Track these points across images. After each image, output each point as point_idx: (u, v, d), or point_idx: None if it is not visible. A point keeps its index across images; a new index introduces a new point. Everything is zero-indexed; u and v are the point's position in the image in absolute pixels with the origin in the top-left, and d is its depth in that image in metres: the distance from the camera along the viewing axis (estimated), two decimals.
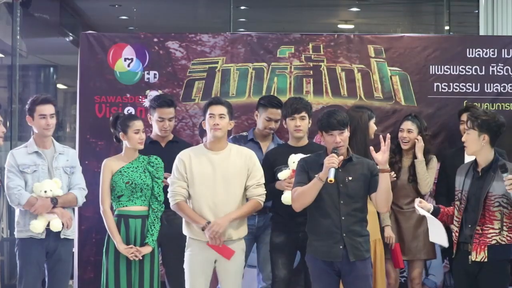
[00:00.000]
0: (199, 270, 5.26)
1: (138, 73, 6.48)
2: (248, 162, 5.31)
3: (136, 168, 5.53)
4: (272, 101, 5.89)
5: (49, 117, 5.51)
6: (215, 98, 5.46)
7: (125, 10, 10.53)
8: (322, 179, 4.81)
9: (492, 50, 6.57)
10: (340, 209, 4.92)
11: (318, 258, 4.97)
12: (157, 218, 5.56)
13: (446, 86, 6.54)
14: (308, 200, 4.89)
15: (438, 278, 6.48)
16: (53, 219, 5.42)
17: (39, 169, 5.48)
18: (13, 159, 5.47)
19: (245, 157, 5.33)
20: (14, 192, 5.39)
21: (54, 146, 5.61)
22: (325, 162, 4.80)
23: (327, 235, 4.92)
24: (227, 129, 5.34)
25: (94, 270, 6.19)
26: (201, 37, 6.52)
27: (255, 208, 5.34)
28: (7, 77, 8.92)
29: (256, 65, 6.50)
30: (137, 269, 5.47)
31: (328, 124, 4.93)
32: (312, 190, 4.85)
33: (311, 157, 5.11)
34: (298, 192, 4.90)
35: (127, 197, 5.51)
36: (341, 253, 4.90)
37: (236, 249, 5.27)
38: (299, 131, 5.58)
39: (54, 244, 5.49)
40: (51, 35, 10.83)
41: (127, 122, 5.53)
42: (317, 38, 6.55)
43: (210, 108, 5.29)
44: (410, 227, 5.96)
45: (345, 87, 6.50)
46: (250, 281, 6.16)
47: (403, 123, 6.06)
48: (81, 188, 5.62)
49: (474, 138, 4.88)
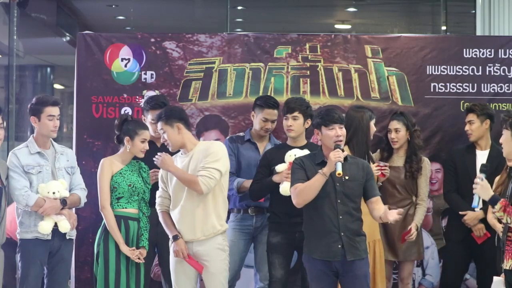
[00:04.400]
0: (181, 270, 5.24)
1: (135, 73, 6.48)
2: (203, 152, 5.16)
3: (132, 172, 5.54)
4: (268, 101, 5.88)
5: (56, 119, 5.52)
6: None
7: (122, 10, 10.53)
8: (326, 174, 4.83)
9: (489, 50, 6.57)
10: (338, 209, 4.93)
11: (316, 258, 4.96)
12: (148, 221, 5.59)
13: (443, 86, 6.54)
14: (311, 195, 4.88)
15: (435, 278, 6.49)
16: (61, 220, 5.41)
17: (43, 170, 5.46)
18: (16, 159, 5.43)
19: (206, 147, 5.20)
20: (21, 193, 5.35)
21: (53, 146, 5.60)
22: (331, 156, 4.82)
23: (325, 235, 4.92)
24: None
25: (91, 270, 6.18)
26: (198, 37, 6.52)
27: (192, 182, 5.06)
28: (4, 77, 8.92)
29: (253, 65, 6.50)
30: (134, 270, 5.48)
31: (330, 118, 4.96)
32: (316, 186, 4.86)
33: (306, 156, 5.13)
34: (301, 188, 4.90)
35: (126, 199, 5.51)
36: (339, 252, 4.90)
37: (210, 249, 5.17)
38: (290, 130, 5.59)
39: (58, 244, 5.49)
40: (48, 35, 10.82)
41: (137, 129, 5.50)
42: (314, 38, 6.55)
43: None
44: (399, 228, 5.94)
45: (342, 87, 6.50)
46: (247, 282, 6.17)
47: (390, 123, 6.05)
48: (83, 189, 5.63)
49: (509, 138, 4.84)
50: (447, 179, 6.13)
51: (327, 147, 4.98)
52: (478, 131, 6.03)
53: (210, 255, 5.17)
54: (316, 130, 5.05)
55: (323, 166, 4.90)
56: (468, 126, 6.06)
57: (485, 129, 6.05)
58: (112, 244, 5.44)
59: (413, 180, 6.01)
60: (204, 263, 5.16)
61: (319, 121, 5.01)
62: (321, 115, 5.03)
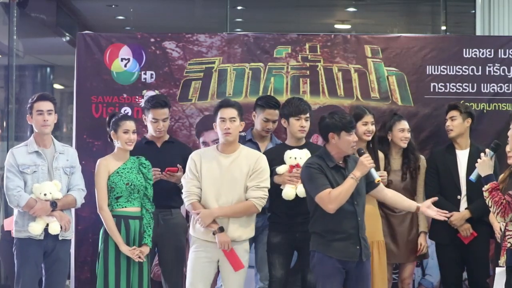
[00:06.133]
0: (200, 268, 5.28)
1: (135, 73, 6.48)
2: (253, 164, 5.31)
3: (130, 169, 5.54)
4: (269, 102, 5.88)
5: (46, 113, 5.50)
6: (225, 101, 5.47)
7: (121, 10, 10.52)
8: (358, 179, 4.92)
9: (488, 50, 6.57)
10: (356, 210, 5.03)
11: (333, 257, 5.00)
12: (152, 218, 5.57)
13: (442, 86, 6.54)
14: (345, 200, 4.95)
15: (435, 278, 6.49)
16: (51, 222, 5.41)
17: (39, 169, 5.47)
18: (13, 158, 5.45)
19: (252, 159, 5.33)
20: (13, 194, 5.38)
21: (54, 145, 5.60)
22: (365, 162, 4.94)
23: (345, 236, 5.00)
24: (238, 131, 5.38)
25: (90, 270, 6.19)
26: (198, 37, 6.52)
27: (248, 210, 5.30)
28: (4, 77, 8.91)
29: (253, 65, 6.50)
30: (136, 269, 5.47)
31: (352, 124, 5.04)
32: (350, 190, 4.94)
33: (317, 159, 5.10)
34: (335, 193, 4.93)
35: (125, 198, 5.51)
36: (357, 253, 5.01)
37: (238, 250, 5.29)
38: (303, 131, 5.59)
39: (53, 244, 5.49)
40: (48, 35, 10.81)
41: (118, 121, 5.53)
42: (314, 38, 6.55)
43: (220, 111, 5.30)
44: (404, 231, 5.96)
45: (342, 87, 6.50)
46: (248, 281, 6.15)
47: (400, 123, 6.01)
48: (80, 189, 5.61)
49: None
50: (429, 182, 6.03)
51: (342, 151, 5.04)
52: (459, 128, 6.01)
53: (239, 256, 5.27)
54: (331, 134, 5.04)
55: (337, 170, 5.01)
56: (449, 122, 6.04)
57: (466, 127, 6.04)
58: (112, 244, 5.45)
59: (412, 180, 6.01)
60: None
61: (340, 126, 5.01)
62: (339, 120, 5.03)
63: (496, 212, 4.76)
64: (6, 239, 6.52)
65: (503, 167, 5.37)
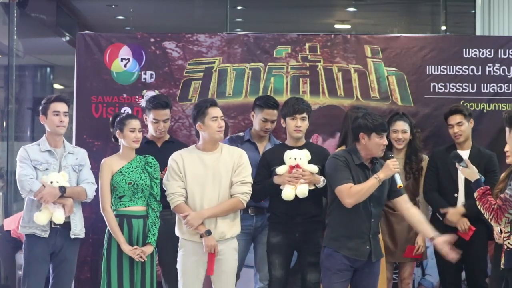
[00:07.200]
0: (191, 270, 5.28)
1: (135, 73, 6.48)
2: (236, 159, 5.33)
3: (135, 169, 5.54)
4: (268, 101, 5.88)
5: (62, 115, 5.54)
6: (213, 100, 5.46)
7: (121, 10, 10.53)
8: (381, 180, 4.96)
9: (488, 50, 6.57)
10: (372, 212, 5.06)
11: (342, 254, 5.04)
12: (157, 217, 5.58)
13: (442, 86, 6.55)
14: (364, 198, 4.98)
15: (435, 278, 6.49)
16: (56, 211, 5.41)
17: (50, 167, 5.50)
18: (25, 153, 5.49)
19: (235, 155, 5.35)
20: (26, 179, 5.38)
21: (64, 146, 5.63)
22: (391, 165, 4.97)
23: (356, 235, 5.04)
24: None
25: (90, 270, 6.19)
26: (197, 37, 6.52)
27: (235, 206, 5.31)
28: (4, 77, 8.92)
29: (253, 65, 6.51)
30: (139, 269, 5.48)
31: (383, 127, 5.05)
32: (371, 190, 4.98)
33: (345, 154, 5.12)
34: (356, 189, 4.97)
35: (128, 198, 5.51)
36: (367, 253, 5.05)
37: (228, 248, 5.28)
38: (299, 131, 5.57)
39: (61, 243, 5.50)
40: (48, 35, 10.82)
41: (124, 120, 5.54)
42: (314, 38, 6.55)
43: (211, 109, 5.29)
44: (403, 230, 5.93)
45: (342, 87, 6.50)
46: (247, 282, 6.17)
47: (395, 123, 5.96)
48: (90, 183, 5.61)
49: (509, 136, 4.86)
50: (428, 179, 5.99)
51: (370, 152, 5.07)
52: (467, 132, 5.99)
53: (226, 254, 5.27)
54: (362, 134, 5.05)
55: (361, 169, 5.05)
56: (457, 128, 5.95)
57: (470, 129, 6.03)
58: (114, 244, 5.46)
59: (415, 181, 6.00)
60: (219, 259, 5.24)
61: (371, 127, 5.02)
62: (374, 122, 5.03)
63: (489, 218, 4.74)
64: (6, 239, 6.53)
65: (503, 167, 5.37)
